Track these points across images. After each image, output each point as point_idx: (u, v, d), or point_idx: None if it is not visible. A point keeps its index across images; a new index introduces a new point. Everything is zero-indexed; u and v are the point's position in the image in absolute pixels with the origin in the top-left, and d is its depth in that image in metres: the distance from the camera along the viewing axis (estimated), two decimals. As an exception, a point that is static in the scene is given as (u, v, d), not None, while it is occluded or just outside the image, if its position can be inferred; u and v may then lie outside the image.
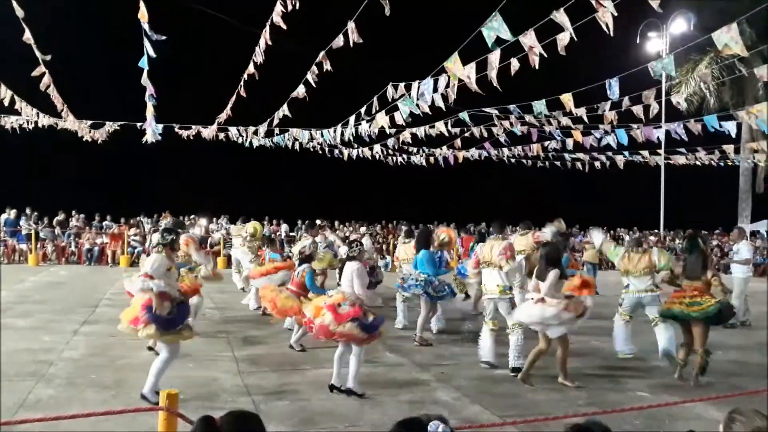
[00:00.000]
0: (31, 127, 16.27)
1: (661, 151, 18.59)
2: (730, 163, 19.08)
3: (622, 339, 8.21)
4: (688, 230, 7.47)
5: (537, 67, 7.57)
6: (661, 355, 7.69)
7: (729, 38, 6.38)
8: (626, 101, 10.28)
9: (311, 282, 8.14)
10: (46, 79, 11.24)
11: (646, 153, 17.07)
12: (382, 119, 10.83)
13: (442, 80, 8.66)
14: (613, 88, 8.66)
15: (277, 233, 20.73)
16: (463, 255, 10.83)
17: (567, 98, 9.55)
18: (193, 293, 8.27)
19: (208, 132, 17.32)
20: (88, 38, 23.92)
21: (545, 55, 7.22)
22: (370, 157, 18.91)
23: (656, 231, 25.40)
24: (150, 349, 7.46)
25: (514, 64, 7.78)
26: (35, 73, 10.75)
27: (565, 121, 12.54)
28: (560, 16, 6.49)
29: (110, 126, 17.65)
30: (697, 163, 17.27)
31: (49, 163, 24.85)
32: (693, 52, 21.01)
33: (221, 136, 17.59)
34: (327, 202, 26.95)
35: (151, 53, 9.11)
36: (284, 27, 8.22)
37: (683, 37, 22.64)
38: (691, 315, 6.84)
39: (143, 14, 8.60)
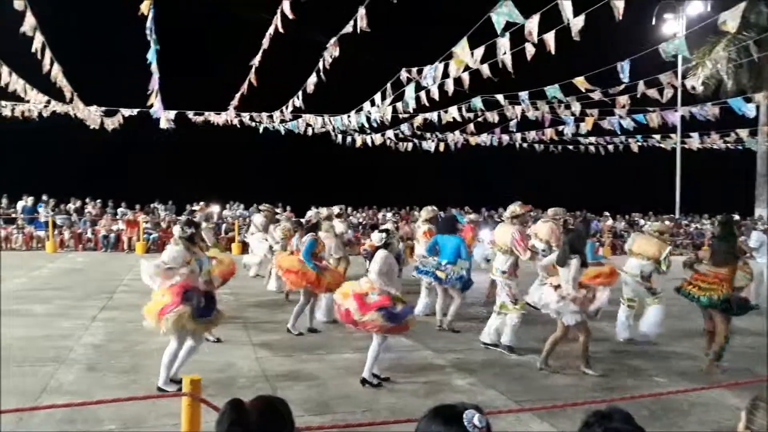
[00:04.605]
0: (47, 114, 16.40)
1: (676, 136, 18.41)
2: (748, 147, 18.87)
3: (619, 323, 8.30)
4: (726, 215, 7.41)
5: (533, 52, 7.56)
6: (640, 333, 8.15)
7: (730, 16, 6.31)
8: (641, 85, 10.19)
9: (309, 249, 8.22)
10: (55, 68, 11.28)
11: (659, 137, 16.95)
12: (389, 107, 10.83)
13: (452, 66, 8.64)
14: (625, 70, 8.59)
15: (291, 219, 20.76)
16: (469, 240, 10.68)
17: (581, 81, 9.49)
18: (229, 275, 8.47)
19: (221, 118, 17.38)
20: (98, 24, 23.93)
21: (550, 42, 7.19)
22: (379, 143, 18.90)
23: (672, 215, 25.20)
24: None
25: (529, 49, 7.74)
26: (46, 64, 10.78)
27: (578, 106, 12.45)
28: (567, 4, 6.46)
29: (123, 113, 17.76)
30: (714, 146, 17.10)
31: (63, 151, 24.99)
32: (710, 34, 20.71)
33: (235, 121, 17.64)
34: (338, 189, 26.92)
35: (153, 45, 9.16)
36: (292, 16, 8.21)
37: (700, 18, 22.27)
38: (701, 300, 6.82)
39: (146, 6, 8.64)
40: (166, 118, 16.70)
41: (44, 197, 20.58)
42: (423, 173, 28.07)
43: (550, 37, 7.27)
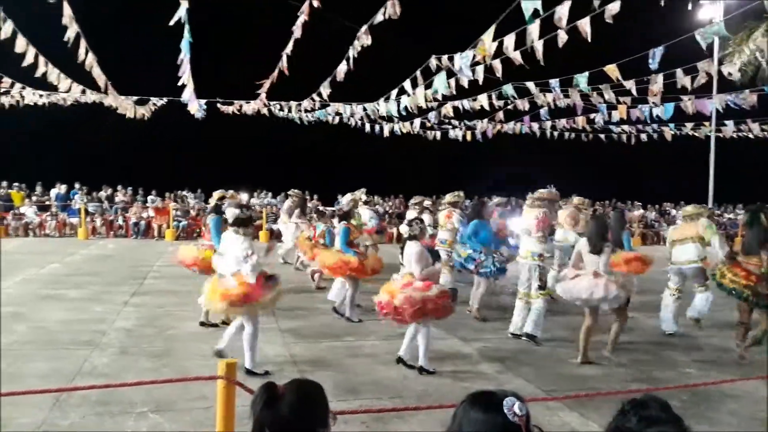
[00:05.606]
0: (81, 103, 16.65)
1: (710, 124, 17.99)
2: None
3: (667, 316, 8.13)
4: (758, 204, 7.23)
5: (566, 38, 7.43)
6: (688, 316, 8.08)
7: None
8: (679, 72, 9.94)
9: (344, 238, 8.36)
10: (90, 57, 11.41)
11: (691, 126, 16.58)
12: (420, 94, 10.74)
13: (479, 54, 8.54)
14: (656, 57, 8.39)
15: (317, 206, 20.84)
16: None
17: (612, 69, 9.30)
18: None
19: (251, 107, 17.47)
20: (129, 14, 24.18)
21: (585, 29, 7.06)
22: (407, 132, 18.80)
23: (704, 205, 24.69)
24: (202, 324, 7.65)
25: (562, 35, 7.61)
26: (81, 53, 10.90)
27: (610, 94, 12.21)
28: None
29: (155, 102, 17.97)
30: (750, 135, 16.69)
31: (95, 140, 25.37)
32: (748, 19, 20.12)
33: (264, 110, 17.72)
34: (365, 177, 26.89)
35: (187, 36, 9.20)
36: (317, 4, 8.18)
37: (739, 3, 21.65)
38: (749, 299, 6.61)
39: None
40: (197, 106, 16.82)
41: (77, 185, 20.98)
42: (450, 162, 27.92)
43: (585, 24, 7.13)
